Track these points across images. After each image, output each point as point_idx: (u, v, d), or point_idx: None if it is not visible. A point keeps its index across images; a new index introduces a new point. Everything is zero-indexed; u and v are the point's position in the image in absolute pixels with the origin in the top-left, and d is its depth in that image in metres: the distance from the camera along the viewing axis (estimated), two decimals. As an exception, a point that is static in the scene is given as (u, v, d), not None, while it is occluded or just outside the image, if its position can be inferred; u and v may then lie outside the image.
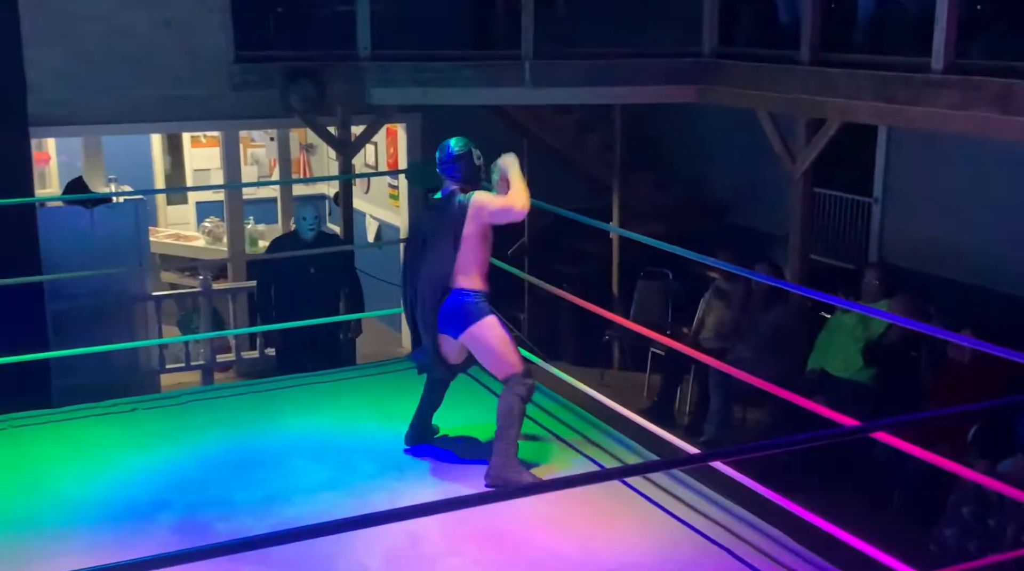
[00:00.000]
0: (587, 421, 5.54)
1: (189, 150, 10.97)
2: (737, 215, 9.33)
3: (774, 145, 6.95)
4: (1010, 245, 6.77)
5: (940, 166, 7.31)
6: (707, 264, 6.26)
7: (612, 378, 8.64)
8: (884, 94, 5.99)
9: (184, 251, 10.25)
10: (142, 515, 4.54)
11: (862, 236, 7.95)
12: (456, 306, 4.76)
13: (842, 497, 5.67)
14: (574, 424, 5.51)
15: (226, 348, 8.72)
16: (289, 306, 7.25)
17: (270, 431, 5.42)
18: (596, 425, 5.49)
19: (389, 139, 9.92)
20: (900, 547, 3.90)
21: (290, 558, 3.90)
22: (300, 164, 11.77)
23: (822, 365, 6.86)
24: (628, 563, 4.17)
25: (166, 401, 6.14)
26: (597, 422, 5.52)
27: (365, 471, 4.96)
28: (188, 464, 5.03)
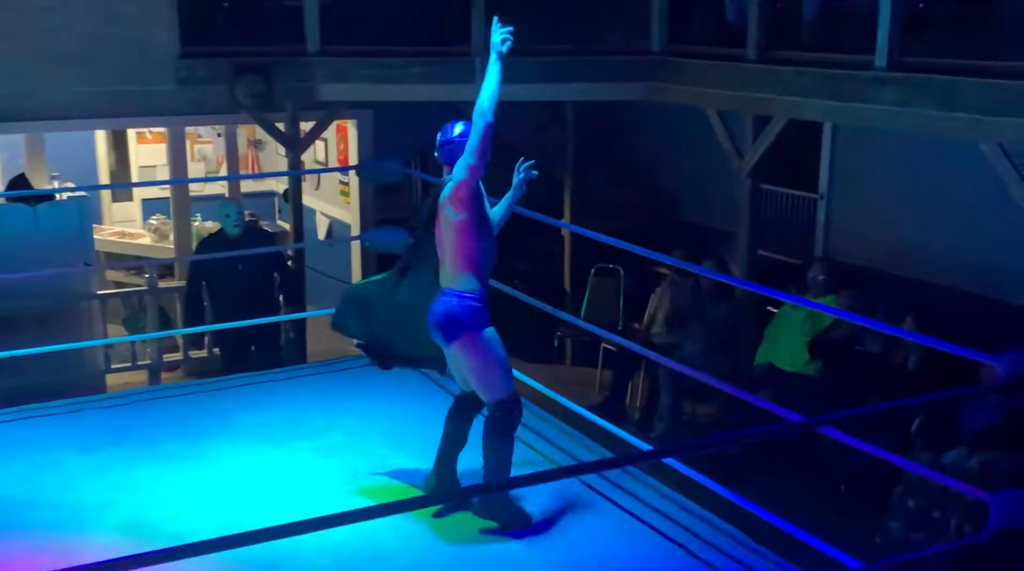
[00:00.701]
0: (539, 417, 5.55)
1: (134, 146, 10.81)
2: (688, 212, 9.41)
3: (722, 142, 7.02)
4: (952, 240, 6.89)
5: (884, 163, 7.42)
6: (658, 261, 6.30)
7: (564, 374, 8.67)
8: (829, 92, 6.07)
9: (130, 249, 10.11)
10: (89, 516, 4.48)
11: (808, 232, 8.05)
12: (446, 310, 4.20)
13: (790, 490, 5.74)
14: (527, 421, 5.50)
15: (173, 347, 8.62)
16: (222, 304, 7.24)
17: (218, 430, 5.37)
18: (548, 421, 5.51)
19: (339, 135, 9.86)
20: (846, 539, 3.96)
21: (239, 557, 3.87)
22: (248, 160, 11.66)
23: (770, 360, 6.94)
24: (579, 558, 4.19)
25: (113, 401, 6.06)
26: (549, 418, 5.54)
27: (315, 469, 4.93)
28: (135, 464, 4.97)
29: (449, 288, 4.23)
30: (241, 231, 7.33)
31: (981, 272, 6.65)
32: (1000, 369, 2.94)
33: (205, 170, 11.30)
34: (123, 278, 9.88)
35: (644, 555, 4.25)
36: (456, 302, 4.19)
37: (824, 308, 5.84)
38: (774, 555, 4.16)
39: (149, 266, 8.63)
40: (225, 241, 7.32)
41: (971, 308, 6.59)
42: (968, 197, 6.73)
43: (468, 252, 4.20)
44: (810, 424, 3.66)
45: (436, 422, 5.23)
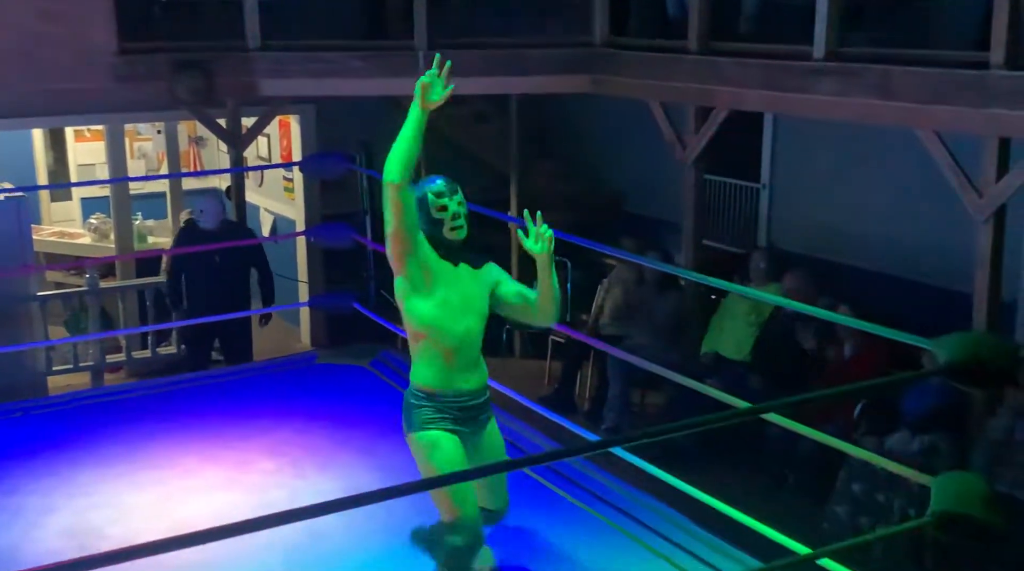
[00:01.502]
0: (488, 411, 5.55)
1: (73, 144, 10.62)
2: (634, 204, 9.45)
3: (665, 134, 7.06)
4: (891, 227, 7.00)
5: (824, 152, 7.52)
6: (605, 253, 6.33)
7: (513, 366, 8.68)
8: (769, 82, 6.12)
9: (70, 249, 9.93)
10: (30, 521, 4.41)
11: (751, 221, 8.14)
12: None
13: (738, 478, 5.80)
14: (475, 414, 5.51)
15: (116, 348, 8.49)
16: (198, 296, 7.22)
17: (163, 431, 5.31)
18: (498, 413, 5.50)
19: (282, 131, 9.76)
20: (794, 526, 4.01)
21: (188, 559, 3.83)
22: (190, 157, 11.50)
23: (716, 348, 7.00)
24: (532, 550, 4.20)
25: (54, 404, 5.96)
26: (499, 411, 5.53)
27: (262, 468, 4.89)
28: (78, 468, 4.90)
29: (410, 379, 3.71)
30: (218, 224, 7.31)
31: (919, 259, 6.77)
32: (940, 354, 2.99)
33: (146, 168, 11.13)
34: (63, 278, 9.70)
35: (594, 545, 4.27)
36: (408, 396, 3.69)
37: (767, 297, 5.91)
38: (723, 542, 4.20)
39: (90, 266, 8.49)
40: (203, 233, 7.28)
41: (909, 294, 6.70)
42: (906, 185, 6.84)
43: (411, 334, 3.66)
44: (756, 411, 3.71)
45: (382, 418, 5.22)
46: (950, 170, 5.12)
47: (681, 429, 2.91)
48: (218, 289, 7.20)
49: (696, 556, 4.15)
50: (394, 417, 5.22)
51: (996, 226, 4.94)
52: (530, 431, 5.32)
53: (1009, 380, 2.86)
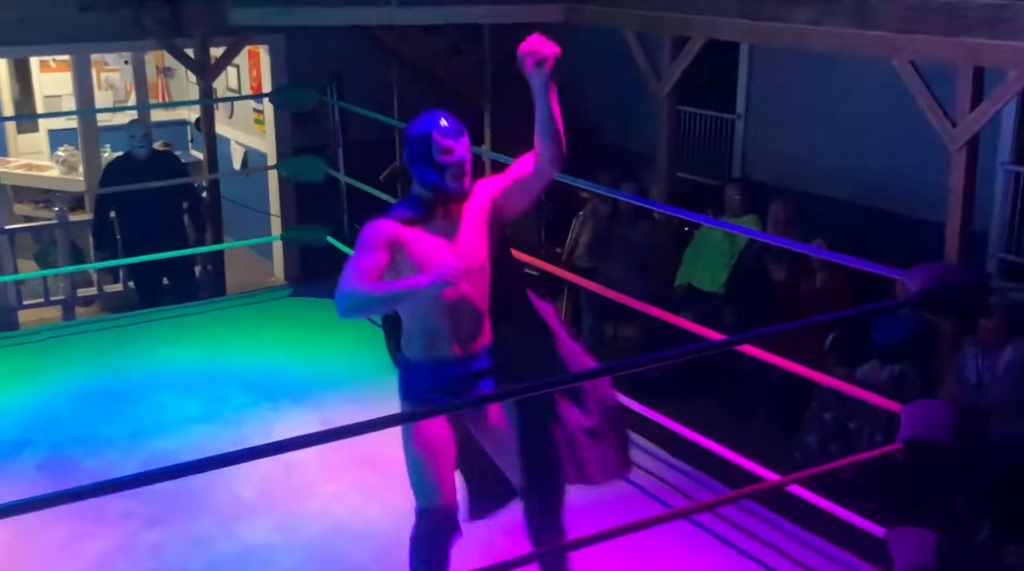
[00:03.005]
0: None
1: (38, 75, 10.42)
2: (609, 135, 9.39)
3: (640, 64, 6.99)
4: (867, 158, 7.00)
5: (800, 82, 7.48)
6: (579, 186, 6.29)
7: (487, 300, 8.68)
8: (745, 11, 6.06)
9: (38, 182, 9.79)
10: (5, 454, 4.41)
11: (726, 153, 8.11)
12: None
13: (709, 409, 5.86)
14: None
15: (87, 282, 8.42)
16: (131, 233, 7.10)
17: (137, 365, 5.29)
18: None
19: (252, 61, 9.60)
20: (766, 456, 4.07)
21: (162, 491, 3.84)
22: (158, 88, 11.31)
23: (689, 281, 7.03)
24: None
25: (25, 338, 5.93)
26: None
27: (237, 402, 4.90)
28: (52, 401, 4.89)
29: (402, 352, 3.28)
30: (148, 153, 7.17)
31: (893, 190, 6.78)
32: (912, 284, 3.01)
33: (113, 99, 10.95)
34: (32, 212, 9.58)
35: (568, 475, 4.31)
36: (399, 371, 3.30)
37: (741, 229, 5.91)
38: (698, 472, 4.26)
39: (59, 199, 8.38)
40: (132, 164, 7.14)
41: (883, 225, 6.73)
42: (881, 115, 6.82)
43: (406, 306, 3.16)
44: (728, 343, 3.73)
45: (358, 352, 5.23)
46: (924, 99, 5.11)
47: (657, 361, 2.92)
48: (152, 222, 7.06)
49: (669, 484, 4.20)
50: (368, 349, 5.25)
51: (969, 155, 4.94)
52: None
53: (979, 310, 2.88)
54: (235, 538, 3.84)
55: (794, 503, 3.82)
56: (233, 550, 3.78)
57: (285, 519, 3.95)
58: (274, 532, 3.88)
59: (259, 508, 4.03)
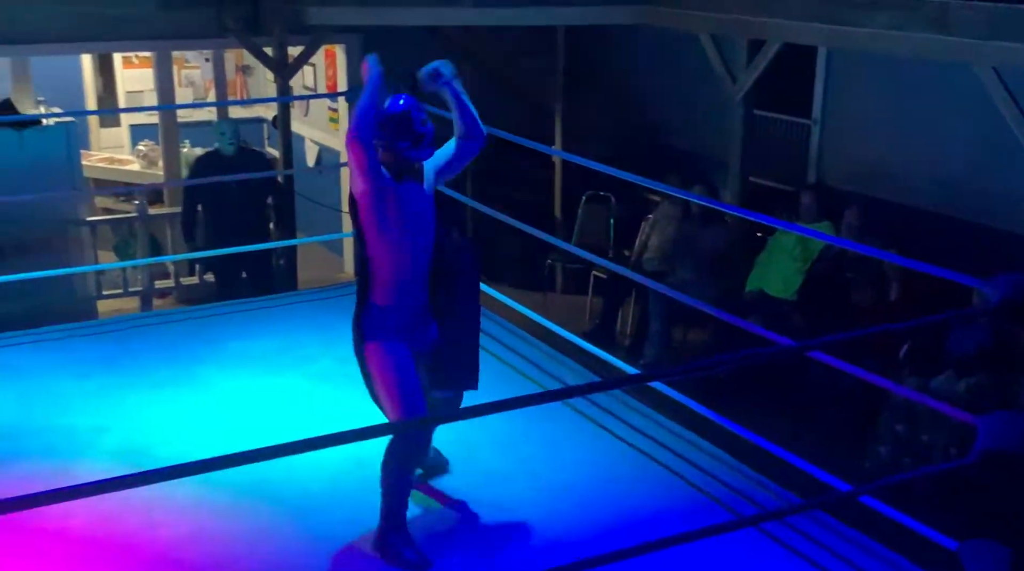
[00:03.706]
0: (529, 344, 5.58)
1: (121, 71, 10.67)
2: (679, 138, 9.34)
3: (715, 67, 6.95)
4: (946, 165, 6.87)
5: (878, 87, 7.36)
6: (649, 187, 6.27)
7: (554, 301, 8.69)
8: (824, 15, 6.00)
9: (118, 175, 10.03)
10: (83, 440, 4.51)
11: (801, 158, 8.02)
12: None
13: (779, 416, 5.79)
14: (517, 347, 5.55)
15: (164, 274, 8.60)
16: (215, 223, 7.28)
17: (210, 356, 5.38)
18: (538, 348, 5.54)
19: (328, 60, 9.73)
20: (835, 464, 4.01)
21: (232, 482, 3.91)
22: (236, 86, 11.52)
23: (761, 286, 6.96)
24: (571, 482, 4.24)
25: (104, 328, 6.06)
26: (540, 345, 5.57)
27: (308, 394, 4.96)
28: (128, 390, 4.99)
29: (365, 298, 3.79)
30: (236, 150, 7.34)
31: (973, 198, 6.65)
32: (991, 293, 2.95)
33: (193, 96, 11.17)
34: (113, 205, 9.81)
35: (634, 478, 4.30)
36: (360, 313, 3.77)
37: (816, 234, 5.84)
38: (764, 478, 4.21)
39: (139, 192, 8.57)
40: (220, 161, 7.32)
41: (961, 234, 6.59)
42: (962, 122, 6.69)
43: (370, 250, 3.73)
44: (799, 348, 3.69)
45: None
46: (1006, 107, 5.01)
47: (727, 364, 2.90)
48: (236, 217, 7.23)
49: (736, 491, 4.17)
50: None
51: (1053, 166, 4.84)
52: (571, 365, 5.34)
53: (1061, 321, 2.81)
54: (304, 530, 3.89)
55: (864, 513, 3.76)
56: (302, 542, 3.82)
57: (354, 513, 3.99)
58: (343, 525, 3.92)
59: (328, 501, 4.07)
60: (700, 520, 3.80)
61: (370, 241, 3.68)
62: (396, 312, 3.72)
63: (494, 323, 5.82)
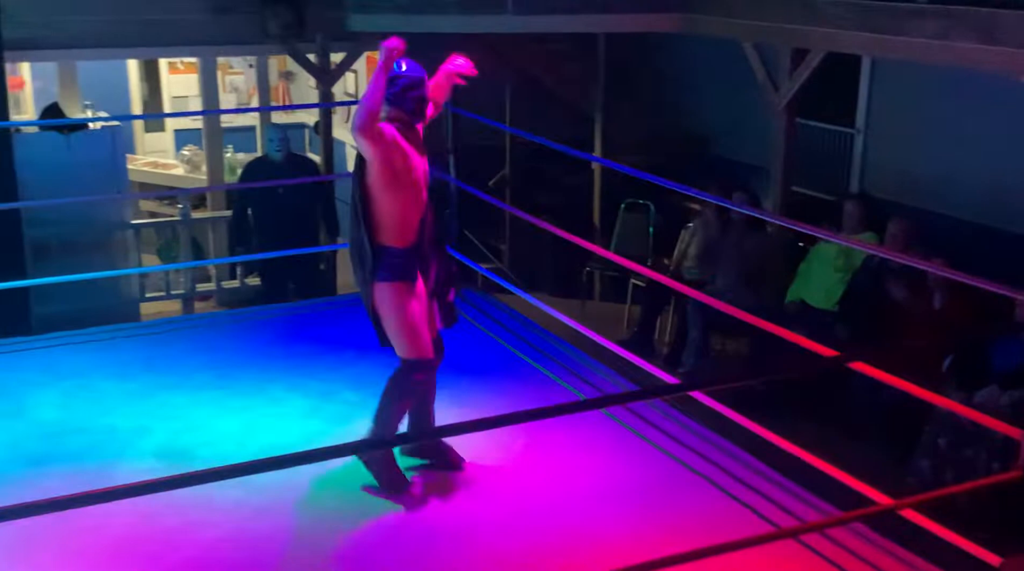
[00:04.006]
0: (568, 351, 5.57)
1: (166, 77, 10.80)
2: (720, 146, 9.31)
3: (758, 75, 6.91)
4: (992, 176, 6.79)
5: (923, 97, 7.29)
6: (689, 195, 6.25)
7: (592, 309, 8.68)
8: (868, 24, 5.95)
9: (163, 179, 10.16)
10: (124, 441, 4.56)
11: (844, 167, 7.95)
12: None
13: (819, 427, 5.74)
14: (555, 354, 5.54)
15: (206, 277, 8.69)
16: (265, 228, 7.36)
17: (251, 360, 5.42)
18: (576, 355, 5.53)
19: (369, 67, 9.78)
20: (877, 477, 3.96)
21: (271, 484, 3.94)
22: (279, 92, 11.62)
23: (802, 296, 6.90)
24: (608, 490, 4.23)
25: (146, 329, 6.13)
26: (578, 352, 5.56)
27: (345, 399, 4.98)
28: (170, 392, 5.04)
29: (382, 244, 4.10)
30: (284, 156, 7.41)
31: (1018, 209, 6.56)
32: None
33: (237, 101, 11.28)
34: (156, 208, 9.94)
35: (671, 488, 4.28)
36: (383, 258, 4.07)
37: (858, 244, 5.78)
38: (804, 490, 4.17)
39: (182, 196, 8.68)
40: (269, 166, 7.40)
41: (1006, 246, 6.51)
42: (1007, 132, 6.61)
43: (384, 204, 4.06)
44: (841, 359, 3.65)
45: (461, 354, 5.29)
46: (1055, 118, 4.94)
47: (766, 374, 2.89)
48: (285, 222, 7.31)
49: (775, 502, 4.13)
50: (473, 354, 5.31)
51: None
52: (608, 373, 5.33)
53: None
54: (339, 533, 3.91)
55: (905, 527, 3.71)
56: (337, 545, 3.84)
57: (389, 517, 4.01)
58: (378, 529, 3.93)
59: (364, 504, 4.09)
60: (738, 531, 3.77)
61: (389, 192, 4.01)
62: (415, 252, 4.09)
63: (532, 330, 5.82)
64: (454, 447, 4.36)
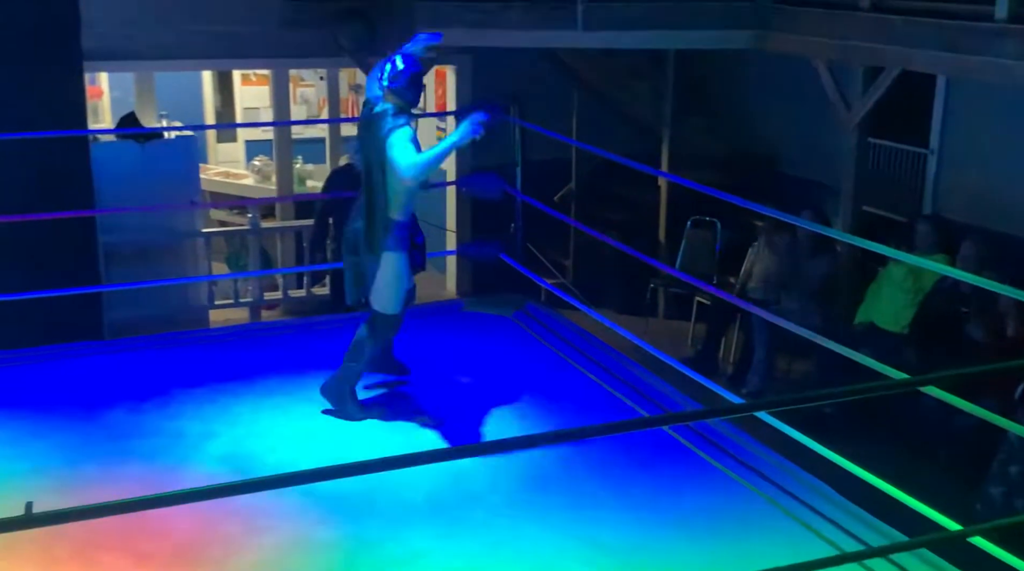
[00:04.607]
0: (631, 368, 5.54)
1: (239, 88, 11.00)
2: (789, 164, 9.21)
3: (829, 94, 6.84)
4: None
5: (1000, 118, 7.15)
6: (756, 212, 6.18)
7: (657, 326, 8.62)
8: (945, 43, 5.85)
9: (233, 189, 10.32)
10: (190, 445, 4.63)
11: (917, 188, 7.82)
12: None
13: (887, 451, 5.63)
14: (618, 371, 5.51)
15: (273, 286, 8.81)
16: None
17: (316, 368, 5.46)
18: (640, 372, 5.49)
19: (438, 80, 9.86)
20: (946, 504, 3.88)
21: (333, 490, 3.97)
22: (348, 104, 11.76)
23: (871, 318, 6.79)
24: (669, 510, 4.19)
25: (214, 336, 6.22)
26: (641, 369, 5.52)
27: (408, 410, 5.00)
28: (235, 398, 5.10)
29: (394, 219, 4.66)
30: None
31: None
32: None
33: (307, 113, 11.44)
34: (226, 217, 10.10)
35: (734, 509, 4.22)
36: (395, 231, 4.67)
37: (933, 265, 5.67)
38: (871, 515, 4.10)
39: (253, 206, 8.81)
40: (352, 176, 7.48)
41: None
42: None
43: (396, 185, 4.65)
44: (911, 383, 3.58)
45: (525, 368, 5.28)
46: None
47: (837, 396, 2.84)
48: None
49: (840, 526, 4.06)
50: (536, 368, 5.30)
51: None
52: (672, 391, 5.28)
53: None
54: (402, 542, 3.92)
55: (973, 554, 3.62)
56: (399, 553, 3.85)
57: (450, 527, 4.01)
58: (439, 539, 3.94)
59: (425, 514, 4.10)
60: (802, 554, 3.70)
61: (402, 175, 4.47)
62: (413, 225, 4.72)
63: (595, 346, 5.80)
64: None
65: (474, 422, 4.90)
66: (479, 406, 5.07)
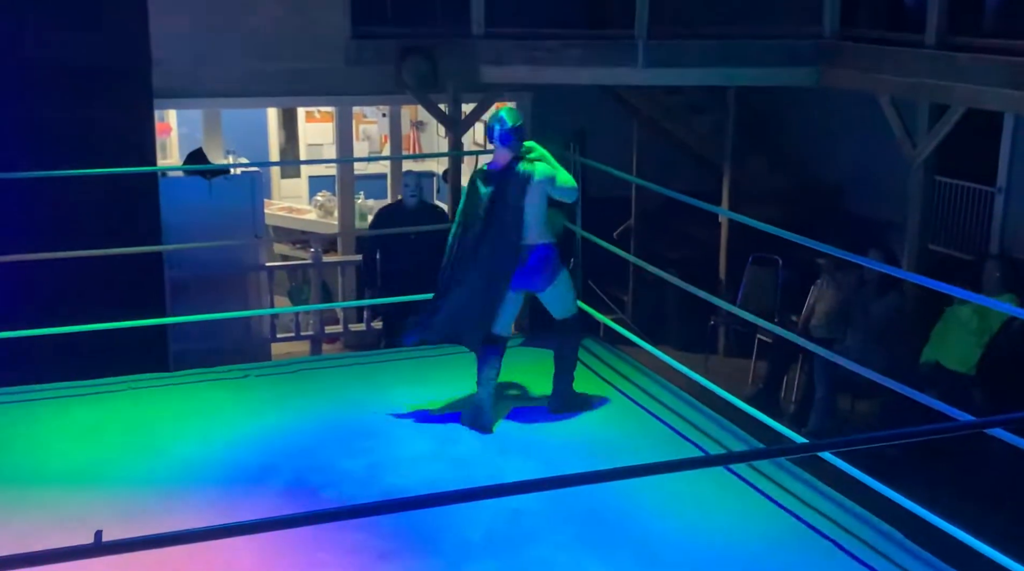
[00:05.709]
0: (691, 406, 5.49)
1: (303, 125, 11.18)
2: (852, 201, 9.11)
3: (895, 130, 6.76)
4: None
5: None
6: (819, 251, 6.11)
7: (717, 364, 8.55)
8: (1013, 80, 5.77)
9: (296, 224, 10.47)
10: (252, 478, 4.67)
11: (984, 227, 7.69)
12: (542, 258, 5.20)
13: (956, 495, 5.51)
14: (678, 409, 5.47)
15: (334, 320, 8.89)
16: (392, 273, 7.46)
17: (375, 402, 5.50)
18: (700, 410, 5.44)
19: (499, 117, 9.93)
20: (1017, 549, 3.78)
21: (393, 526, 3.98)
22: (410, 141, 11.89)
23: (937, 358, 6.66)
24: (731, 549, 4.13)
25: (276, 369, 6.29)
26: (701, 407, 5.47)
27: (468, 444, 5.01)
28: (296, 431, 5.14)
29: (539, 243, 5.20)
30: (417, 203, 7.55)
31: None
32: None
33: (369, 149, 11.59)
34: (289, 251, 10.24)
35: (798, 550, 4.15)
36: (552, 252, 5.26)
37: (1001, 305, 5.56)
38: (938, 559, 4.00)
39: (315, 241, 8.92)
40: (402, 212, 7.55)
41: None
42: None
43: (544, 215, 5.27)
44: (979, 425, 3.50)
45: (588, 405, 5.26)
46: None
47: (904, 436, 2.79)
48: (413, 268, 7.41)
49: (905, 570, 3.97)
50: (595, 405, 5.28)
51: None
52: (732, 430, 5.22)
53: None
54: (460, 579, 3.91)
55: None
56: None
57: (508, 564, 3.99)
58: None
59: (483, 551, 4.09)
60: (867, 599, 3.63)
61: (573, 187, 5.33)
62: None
63: (656, 383, 5.76)
64: None
65: (534, 455, 4.89)
66: (537, 442, 5.06)
